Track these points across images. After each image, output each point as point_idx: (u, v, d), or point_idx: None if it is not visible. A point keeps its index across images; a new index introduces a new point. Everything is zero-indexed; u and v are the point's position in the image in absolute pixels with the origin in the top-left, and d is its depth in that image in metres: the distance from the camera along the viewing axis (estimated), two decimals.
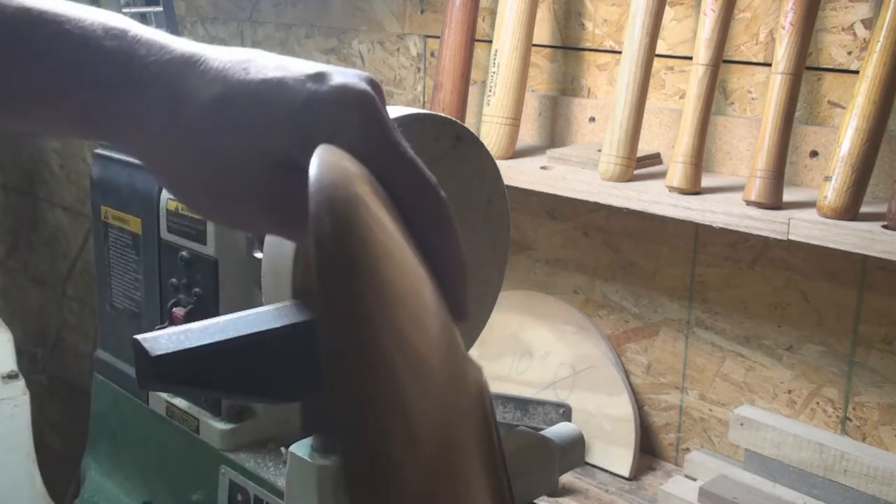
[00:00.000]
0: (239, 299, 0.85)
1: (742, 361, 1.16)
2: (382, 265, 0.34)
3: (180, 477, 0.92)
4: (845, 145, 0.94)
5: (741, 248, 1.14)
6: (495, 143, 1.20)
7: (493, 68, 1.21)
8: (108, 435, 1.02)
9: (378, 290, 0.33)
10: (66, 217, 2.40)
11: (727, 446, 1.17)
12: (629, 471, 1.19)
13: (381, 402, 0.30)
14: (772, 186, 0.99)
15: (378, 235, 0.35)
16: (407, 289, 0.36)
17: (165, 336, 0.54)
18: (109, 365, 0.99)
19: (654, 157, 1.18)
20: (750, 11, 1.10)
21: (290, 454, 0.67)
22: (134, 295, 0.95)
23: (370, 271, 0.33)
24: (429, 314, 0.38)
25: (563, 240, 1.31)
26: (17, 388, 1.55)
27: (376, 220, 0.36)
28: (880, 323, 1.05)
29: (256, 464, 0.84)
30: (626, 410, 1.19)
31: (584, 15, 1.26)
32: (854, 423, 1.08)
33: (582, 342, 1.24)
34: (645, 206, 1.07)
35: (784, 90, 0.99)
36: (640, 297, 1.24)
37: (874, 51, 0.93)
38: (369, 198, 0.38)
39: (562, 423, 0.76)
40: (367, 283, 0.32)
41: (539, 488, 0.71)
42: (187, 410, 0.89)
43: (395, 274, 0.35)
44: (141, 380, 0.54)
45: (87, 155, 2.25)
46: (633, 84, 1.08)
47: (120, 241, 0.95)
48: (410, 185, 0.42)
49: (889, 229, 0.91)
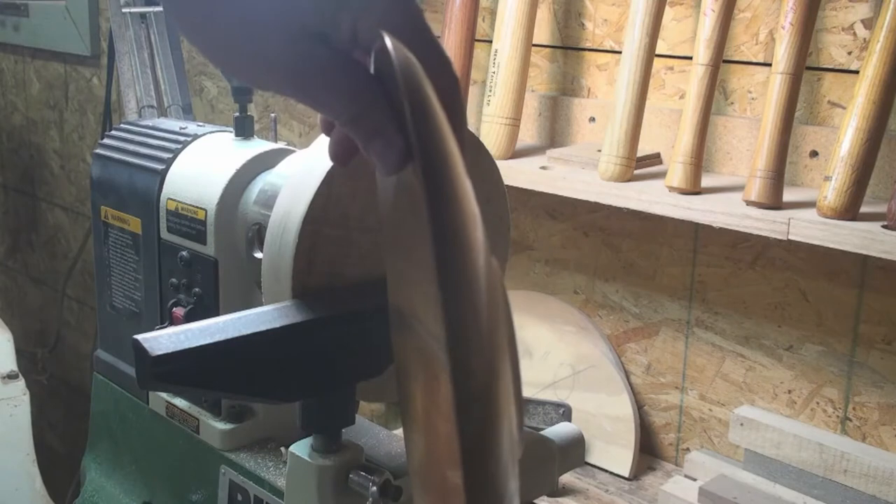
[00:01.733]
0: (239, 299, 0.85)
1: (742, 361, 1.16)
2: (452, 159, 0.39)
3: (180, 477, 0.92)
4: (845, 145, 0.94)
5: (741, 248, 1.14)
6: (495, 143, 1.20)
7: (493, 68, 1.21)
8: (108, 435, 1.02)
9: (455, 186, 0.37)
10: (66, 217, 2.40)
11: (727, 446, 1.17)
12: (629, 471, 1.19)
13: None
14: (772, 186, 0.99)
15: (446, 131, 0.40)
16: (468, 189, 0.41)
17: (165, 336, 0.54)
18: (109, 365, 0.99)
19: (654, 157, 1.18)
20: (750, 11, 1.10)
21: (290, 454, 0.67)
22: (134, 295, 0.95)
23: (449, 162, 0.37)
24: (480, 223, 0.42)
25: (563, 240, 1.31)
26: (17, 388, 1.55)
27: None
28: (880, 323, 1.05)
29: (256, 464, 0.84)
30: (626, 410, 1.19)
31: (584, 15, 1.26)
32: (854, 423, 1.08)
33: (582, 342, 1.24)
34: (645, 206, 1.07)
35: (784, 90, 0.99)
36: (640, 297, 1.24)
37: (874, 51, 0.93)
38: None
39: (562, 423, 0.76)
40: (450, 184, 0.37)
41: (539, 488, 0.71)
42: (187, 410, 0.89)
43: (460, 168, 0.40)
44: (141, 380, 0.54)
45: (87, 155, 2.25)
46: (633, 84, 1.08)
47: (120, 241, 0.95)
48: (434, 63, 0.45)
49: (889, 229, 0.91)
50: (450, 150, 0.38)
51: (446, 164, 0.37)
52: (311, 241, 0.65)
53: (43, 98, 2.39)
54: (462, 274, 0.36)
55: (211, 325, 0.56)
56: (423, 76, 0.41)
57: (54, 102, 2.35)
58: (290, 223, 0.66)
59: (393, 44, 0.40)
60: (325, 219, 0.65)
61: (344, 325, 0.61)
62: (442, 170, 0.36)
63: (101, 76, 2.11)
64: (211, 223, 0.83)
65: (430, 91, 0.40)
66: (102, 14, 2.11)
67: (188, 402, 0.89)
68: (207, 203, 0.84)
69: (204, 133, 0.93)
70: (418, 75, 0.40)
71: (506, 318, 0.42)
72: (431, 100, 0.39)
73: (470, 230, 0.37)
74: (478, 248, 0.38)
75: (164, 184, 0.89)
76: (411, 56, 0.42)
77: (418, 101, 0.38)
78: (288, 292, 0.65)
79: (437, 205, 0.35)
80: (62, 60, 2.28)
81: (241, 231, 0.83)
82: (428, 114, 0.38)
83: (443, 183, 0.36)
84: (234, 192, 0.84)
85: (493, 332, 0.38)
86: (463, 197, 0.38)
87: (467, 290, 0.36)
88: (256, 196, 0.82)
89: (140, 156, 0.93)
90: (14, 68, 2.49)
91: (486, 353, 0.36)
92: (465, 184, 0.39)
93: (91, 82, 2.20)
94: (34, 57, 2.39)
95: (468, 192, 0.39)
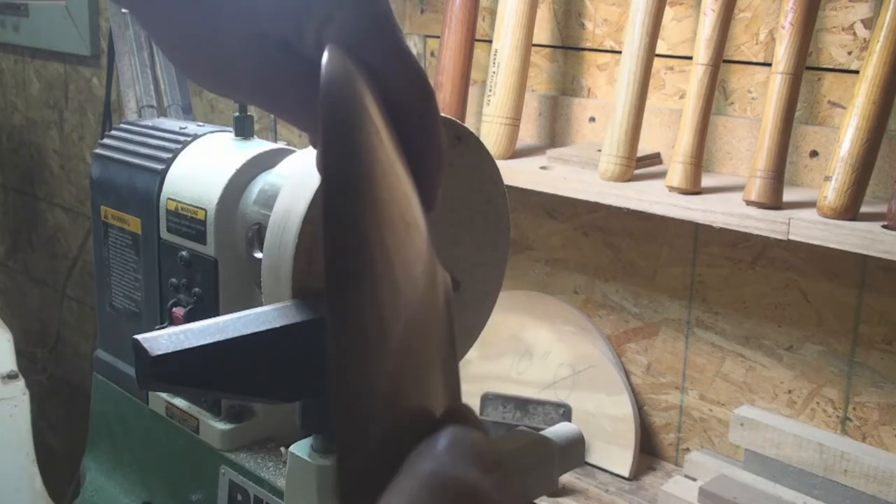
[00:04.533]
0: (239, 299, 0.85)
1: (742, 361, 1.16)
2: (380, 179, 0.36)
3: (180, 477, 0.92)
4: (845, 145, 0.94)
5: (741, 248, 1.14)
6: (495, 143, 1.20)
7: (493, 68, 1.21)
8: (108, 435, 1.02)
9: (375, 207, 0.35)
10: (66, 217, 2.40)
11: (727, 446, 1.17)
12: (629, 471, 1.19)
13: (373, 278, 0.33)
14: (772, 186, 0.99)
15: (378, 151, 0.37)
16: (400, 200, 0.38)
17: (165, 336, 0.54)
18: (109, 365, 0.99)
19: (654, 157, 1.18)
20: (750, 11, 1.10)
21: (290, 454, 0.67)
22: (134, 295, 0.95)
23: (370, 190, 0.35)
24: (418, 226, 0.40)
25: (563, 240, 1.31)
26: (17, 388, 1.55)
27: (375, 127, 0.38)
28: (880, 323, 1.05)
29: (256, 464, 0.84)
30: (626, 410, 1.19)
31: (584, 15, 1.25)
32: (854, 423, 1.08)
33: (582, 342, 1.24)
34: (645, 206, 1.07)
35: (784, 90, 0.99)
36: (640, 297, 1.24)
37: (874, 51, 0.93)
38: (367, 97, 0.39)
39: (562, 423, 0.76)
40: (366, 203, 0.34)
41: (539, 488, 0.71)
42: (187, 410, 0.89)
43: (390, 184, 0.37)
44: (141, 380, 0.54)
45: (86, 155, 2.25)
46: (633, 84, 1.08)
47: (120, 241, 0.95)
48: (401, 74, 0.43)
49: (889, 229, 0.91)
50: (371, 176, 0.35)
51: (359, 194, 0.34)
52: (311, 241, 0.65)
53: (43, 98, 2.39)
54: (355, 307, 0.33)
55: (211, 325, 0.56)
56: (358, 91, 0.38)
57: (54, 102, 2.35)
58: (289, 223, 0.66)
59: (330, 56, 0.38)
60: None
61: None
62: (347, 203, 0.33)
63: (101, 76, 2.11)
64: (211, 223, 0.83)
65: (362, 107, 0.37)
66: (102, 14, 2.11)
67: (188, 402, 0.89)
68: (207, 203, 0.84)
69: (204, 133, 0.93)
70: (347, 91, 0.37)
71: (442, 337, 0.41)
72: (358, 118, 0.36)
73: (384, 257, 0.34)
74: (386, 277, 0.35)
75: (163, 184, 0.89)
76: (348, 69, 0.39)
77: (334, 121, 0.35)
78: (288, 292, 0.65)
79: (332, 236, 0.33)
80: (62, 60, 2.28)
81: (241, 231, 0.83)
82: (343, 136, 0.34)
83: (345, 217, 0.33)
84: (233, 192, 0.84)
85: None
86: (381, 225, 0.35)
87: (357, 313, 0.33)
88: (256, 196, 0.82)
89: (140, 156, 0.93)
90: (14, 68, 2.49)
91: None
92: (390, 212, 0.36)
93: (91, 82, 2.20)
94: (34, 57, 2.39)
95: (391, 222, 0.36)
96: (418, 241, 0.39)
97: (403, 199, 0.39)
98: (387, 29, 0.43)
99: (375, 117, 0.39)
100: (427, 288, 0.40)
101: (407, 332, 0.35)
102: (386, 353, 0.34)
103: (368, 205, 0.34)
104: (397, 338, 0.34)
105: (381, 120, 0.40)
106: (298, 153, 0.84)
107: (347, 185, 0.33)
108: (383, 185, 0.36)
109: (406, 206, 0.39)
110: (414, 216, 0.40)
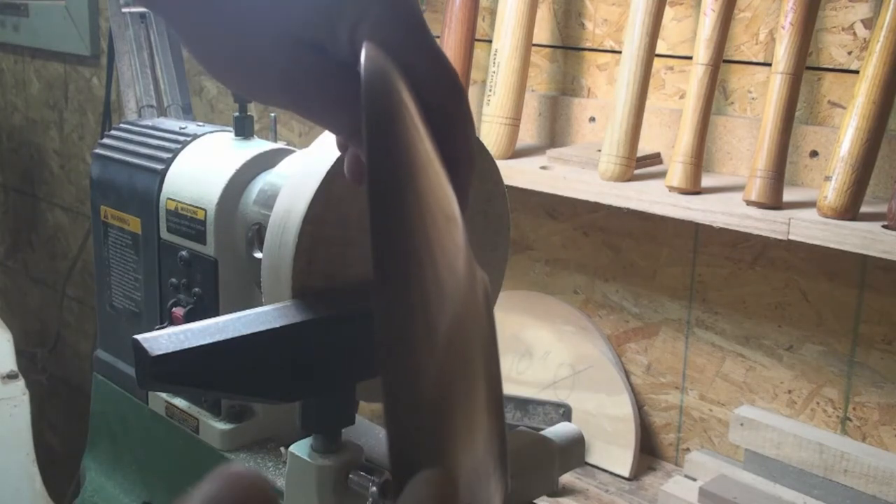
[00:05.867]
0: (239, 299, 0.85)
1: (742, 361, 1.16)
2: (422, 171, 0.36)
3: (180, 477, 0.92)
4: (845, 145, 0.94)
5: (741, 248, 1.14)
6: (495, 143, 1.20)
7: (493, 68, 1.21)
8: (107, 435, 1.02)
9: (418, 197, 0.34)
10: (66, 217, 2.40)
11: (727, 446, 1.17)
12: (629, 471, 1.19)
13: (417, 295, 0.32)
14: (772, 186, 0.99)
15: (418, 144, 0.37)
16: (440, 194, 0.38)
17: (165, 336, 0.54)
18: (109, 365, 0.99)
19: (654, 157, 1.18)
20: (750, 11, 1.10)
21: (290, 454, 0.67)
22: (134, 295, 0.95)
23: (414, 181, 0.34)
24: (457, 222, 0.40)
25: (563, 240, 1.31)
26: (16, 388, 1.55)
27: (414, 123, 0.38)
28: (880, 323, 1.05)
29: (256, 464, 0.84)
30: (626, 410, 1.19)
31: (584, 15, 1.25)
32: (854, 423, 1.08)
33: (582, 342, 1.24)
34: (645, 206, 1.07)
35: (784, 90, 0.99)
36: (640, 297, 1.24)
37: (874, 51, 0.93)
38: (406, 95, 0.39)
39: (562, 423, 0.76)
40: (410, 193, 0.34)
41: (539, 488, 0.71)
42: (187, 410, 0.89)
43: (430, 177, 0.37)
44: (141, 380, 0.54)
45: (86, 155, 2.25)
46: (633, 84, 1.08)
47: (120, 241, 0.95)
48: (434, 74, 0.43)
49: (889, 229, 0.91)
50: (414, 167, 0.35)
51: (404, 183, 0.34)
52: (310, 241, 0.65)
53: (43, 98, 2.39)
54: (405, 306, 0.33)
55: (211, 325, 0.56)
56: (397, 86, 0.38)
57: (54, 102, 2.35)
58: (289, 223, 0.66)
59: (368, 53, 0.38)
60: (324, 219, 0.65)
61: (344, 325, 0.61)
62: (394, 192, 0.33)
63: (101, 76, 2.11)
64: (211, 223, 0.83)
65: (401, 102, 0.38)
66: (102, 14, 2.11)
67: (188, 402, 0.89)
68: (207, 203, 0.84)
69: (204, 133, 0.93)
70: (388, 85, 0.38)
71: (483, 334, 0.40)
72: (399, 111, 0.36)
73: (428, 248, 0.34)
74: (437, 270, 0.34)
75: (163, 184, 0.89)
76: (387, 65, 0.39)
77: (378, 112, 0.35)
78: (288, 292, 0.65)
79: (379, 225, 0.33)
80: (62, 60, 2.28)
81: (240, 231, 0.83)
82: (387, 127, 0.34)
83: (391, 207, 0.33)
84: (233, 192, 0.84)
85: (455, 350, 0.35)
86: (424, 216, 0.34)
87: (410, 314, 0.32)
88: (256, 196, 0.82)
89: (140, 156, 0.93)
90: (14, 68, 2.49)
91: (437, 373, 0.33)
92: (431, 205, 0.36)
93: (91, 82, 2.20)
94: (34, 57, 2.39)
95: (433, 214, 0.36)
96: (458, 237, 0.39)
97: (443, 194, 0.39)
98: (420, 29, 0.43)
99: (413, 114, 0.39)
100: (468, 285, 0.39)
101: (451, 329, 0.35)
102: (433, 346, 0.33)
103: (412, 194, 0.34)
104: (444, 333, 0.34)
105: (417, 117, 0.40)
106: (298, 153, 0.84)
107: (393, 174, 0.33)
108: (424, 177, 0.36)
109: (446, 201, 0.39)
110: (453, 211, 0.40)
